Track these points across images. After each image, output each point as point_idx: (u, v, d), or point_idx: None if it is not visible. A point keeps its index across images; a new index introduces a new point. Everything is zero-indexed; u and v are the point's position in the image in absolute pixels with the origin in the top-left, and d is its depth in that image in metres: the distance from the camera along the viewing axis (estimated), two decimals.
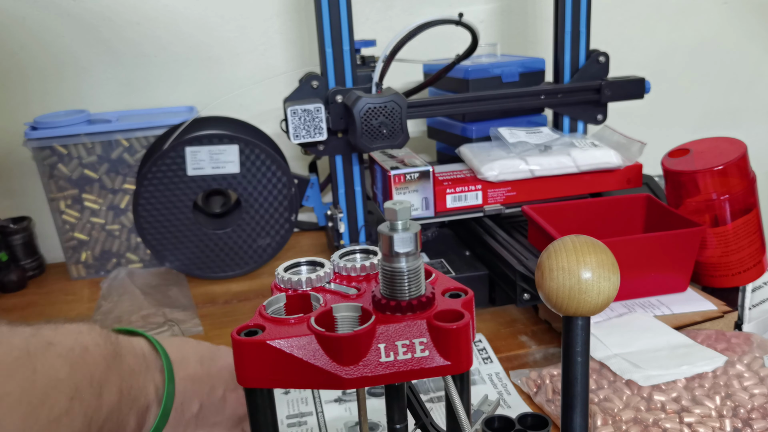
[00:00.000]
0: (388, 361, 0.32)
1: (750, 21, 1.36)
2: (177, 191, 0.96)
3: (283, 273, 0.38)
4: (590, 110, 1.01)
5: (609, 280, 0.35)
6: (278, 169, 0.97)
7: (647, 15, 1.31)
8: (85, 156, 1.01)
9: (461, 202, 0.89)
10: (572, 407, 0.38)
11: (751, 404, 0.58)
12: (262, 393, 0.34)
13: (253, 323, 0.34)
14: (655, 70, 1.23)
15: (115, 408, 0.40)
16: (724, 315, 0.75)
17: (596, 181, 0.92)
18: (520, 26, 1.26)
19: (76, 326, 0.41)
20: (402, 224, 0.33)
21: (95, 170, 1.02)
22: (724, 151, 0.81)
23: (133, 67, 1.13)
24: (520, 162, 0.89)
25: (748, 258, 0.81)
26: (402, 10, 1.19)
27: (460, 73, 0.98)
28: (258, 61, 1.17)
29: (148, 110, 1.12)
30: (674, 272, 0.79)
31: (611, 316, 0.75)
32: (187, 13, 1.12)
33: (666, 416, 0.57)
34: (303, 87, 0.90)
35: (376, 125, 0.85)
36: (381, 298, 0.34)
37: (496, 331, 0.80)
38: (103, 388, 0.39)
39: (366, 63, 1.00)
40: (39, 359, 0.35)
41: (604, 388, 0.63)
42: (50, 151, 1.00)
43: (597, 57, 0.99)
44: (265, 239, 1.00)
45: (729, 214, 0.79)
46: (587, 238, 0.36)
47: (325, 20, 0.88)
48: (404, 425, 0.40)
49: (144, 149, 1.02)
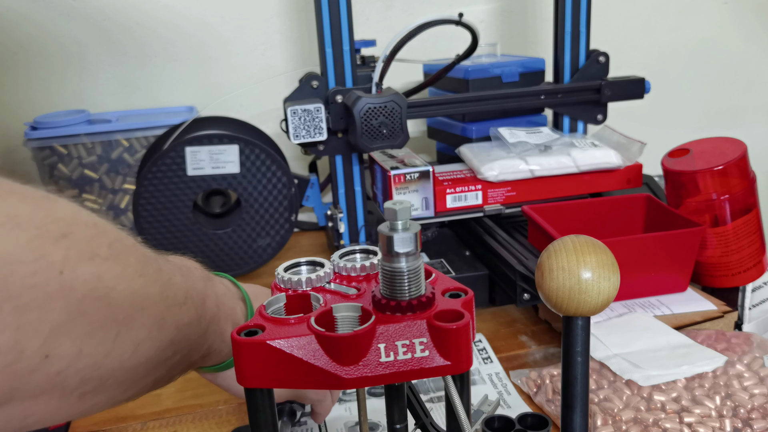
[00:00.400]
0: (388, 361, 0.32)
1: (750, 21, 1.36)
2: (177, 191, 0.96)
3: (283, 273, 0.38)
4: (590, 110, 1.01)
5: (609, 280, 0.35)
6: (278, 169, 0.97)
7: (647, 15, 1.31)
8: (85, 156, 1.01)
9: (461, 202, 0.89)
10: (572, 407, 0.38)
11: (751, 404, 0.58)
12: (262, 393, 0.34)
13: (253, 323, 0.34)
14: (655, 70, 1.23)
15: (215, 316, 0.44)
16: (724, 315, 0.75)
17: (596, 181, 0.92)
18: (520, 26, 1.26)
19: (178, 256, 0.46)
20: (402, 224, 0.33)
21: (95, 170, 1.02)
22: (724, 151, 0.81)
23: (133, 67, 1.13)
24: (520, 162, 0.89)
25: (748, 258, 0.81)
26: (402, 10, 1.19)
27: (460, 73, 0.98)
28: (258, 61, 1.17)
29: (148, 110, 1.12)
30: (674, 272, 0.79)
31: (611, 316, 0.75)
32: (187, 13, 1.12)
33: (666, 416, 0.57)
34: (303, 87, 0.90)
35: (376, 125, 0.85)
36: (381, 298, 0.34)
37: (496, 331, 0.80)
38: (205, 299, 0.43)
39: (366, 63, 1.00)
40: (161, 262, 0.39)
41: (604, 388, 0.63)
42: (50, 151, 1.00)
43: (597, 57, 0.99)
44: (265, 239, 1.00)
45: (729, 214, 0.79)
46: (587, 238, 0.36)
47: (325, 20, 0.88)
48: (404, 425, 0.40)
49: (144, 149, 1.02)
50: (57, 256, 0.29)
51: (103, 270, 0.32)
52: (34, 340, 0.28)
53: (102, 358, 0.32)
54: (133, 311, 0.34)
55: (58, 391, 0.30)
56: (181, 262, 0.44)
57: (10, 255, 0.27)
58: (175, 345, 0.39)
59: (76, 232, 0.31)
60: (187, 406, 0.69)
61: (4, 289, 0.26)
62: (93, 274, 0.31)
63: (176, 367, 0.41)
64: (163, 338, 0.37)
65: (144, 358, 0.36)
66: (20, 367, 0.28)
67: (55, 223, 0.30)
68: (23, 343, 0.27)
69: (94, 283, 0.31)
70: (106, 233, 0.34)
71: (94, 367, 0.32)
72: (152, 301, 0.36)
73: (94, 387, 0.32)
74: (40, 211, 0.29)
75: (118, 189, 1.03)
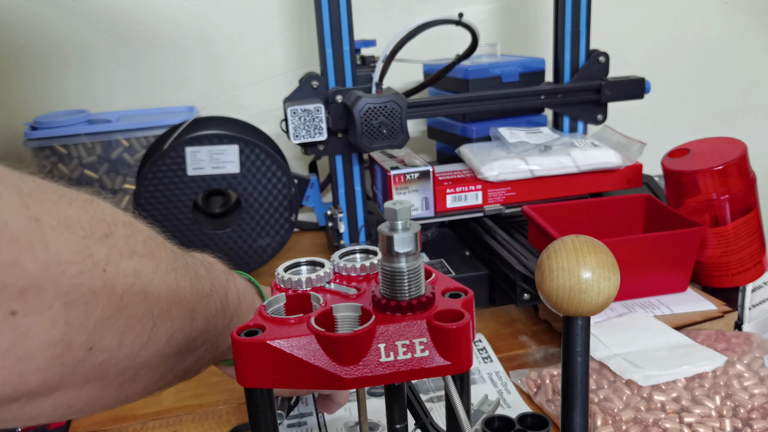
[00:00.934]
0: (388, 361, 0.32)
1: (750, 21, 1.36)
2: (177, 191, 0.96)
3: (283, 273, 0.38)
4: (590, 110, 1.01)
5: (609, 280, 0.35)
6: (278, 169, 0.97)
7: (647, 15, 1.31)
8: (85, 156, 1.01)
9: (461, 202, 0.89)
10: (572, 407, 0.38)
11: (751, 404, 0.58)
12: (262, 393, 0.34)
13: (253, 323, 0.34)
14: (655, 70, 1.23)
15: (238, 308, 0.46)
16: (724, 315, 0.75)
17: (596, 181, 0.92)
18: (520, 26, 1.26)
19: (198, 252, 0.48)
20: (402, 224, 0.33)
21: (95, 170, 1.02)
22: (724, 151, 0.81)
23: (134, 67, 1.13)
24: (520, 162, 0.89)
25: (748, 258, 0.81)
26: (402, 10, 1.19)
27: (460, 73, 0.98)
28: (258, 61, 1.17)
29: (148, 110, 1.12)
30: (674, 272, 0.79)
31: (611, 316, 0.75)
32: (187, 13, 1.12)
33: (666, 416, 0.57)
34: (303, 87, 0.90)
35: (376, 125, 0.85)
36: (381, 298, 0.34)
37: (496, 331, 0.80)
38: (228, 291, 0.45)
39: (366, 63, 1.00)
40: (187, 257, 0.40)
41: (604, 388, 0.63)
42: (50, 151, 1.00)
43: (597, 57, 0.99)
44: (265, 239, 1.00)
45: (729, 214, 0.79)
46: (587, 238, 0.36)
47: (325, 20, 0.88)
48: (404, 425, 0.40)
49: (144, 149, 1.02)
50: (101, 255, 0.31)
51: (141, 266, 0.34)
52: (80, 333, 0.30)
53: (139, 349, 0.34)
54: (167, 304, 0.36)
55: (100, 381, 0.33)
56: (203, 257, 0.46)
57: (60, 256, 0.29)
58: (203, 335, 0.41)
59: (116, 232, 0.33)
60: (187, 406, 0.69)
61: (55, 288, 0.28)
62: (132, 271, 0.33)
63: (204, 357, 0.43)
64: (193, 328, 0.39)
65: (176, 348, 0.38)
66: (68, 359, 0.30)
67: (99, 223, 0.32)
68: (71, 337, 0.29)
69: (133, 278, 0.33)
70: (141, 231, 0.36)
71: (132, 357, 0.34)
72: (184, 294, 0.37)
73: (131, 376, 0.35)
74: (85, 214, 0.31)
75: (118, 189, 1.03)
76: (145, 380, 0.37)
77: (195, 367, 0.43)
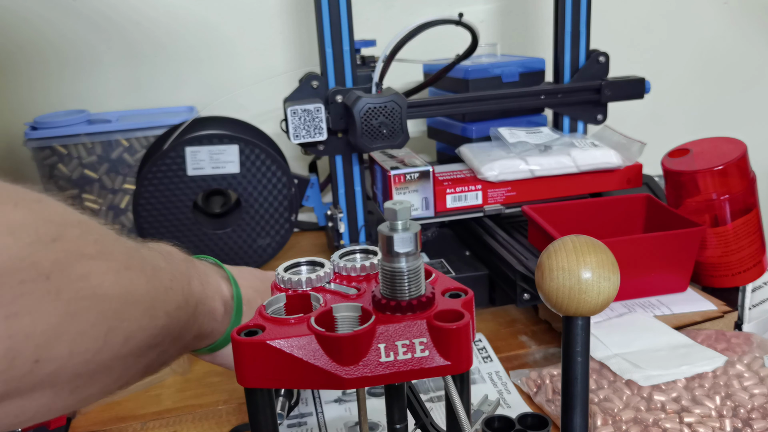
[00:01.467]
0: (388, 361, 0.32)
1: (750, 21, 1.36)
2: (177, 191, 0.96)
3: (283, 273, 0.38)
4: (590, 110, 1.01)
5: (609, 280, 0.35)
6: (278, 169, 0.97)
7: (647, 15, 1.31)
8: (85, 156, 1.01)
9: (461, 202, 0.89)
10: (572, 407, 0.38)
11: (751, 404, 0.58)
12: (262, 393, 0.34)
13: (253, 323, 0.34)
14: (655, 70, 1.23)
15: (203, 295, 0.45)
16: (724, 315, 0.75)
17: (596, 181, 0.92)
18: (520, 26, 1.26)
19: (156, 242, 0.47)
20: (402, 224, 0.33)
21: (95, 170, 1.02)
22: (724, 151, 0.81)
23: (133, 67, 1.13)
24: (520, 162, 0.89)
25: (748, 258, 0.81)
26: (402, 10, 1.19)
27: (460, 73, 0.98)
28: (258, 61, 1.17)
29: (148, 110, 1.12)
30: (674, 272, 0.79)
31: (611, 316, 0.75)
32: (187, 13, 1.12)
33: (666, 416, 0.57)
34: (303, 87, 0.90)
35: (376, 125, 0.85)
36: (381, 298, 0.34)
37: (496, 331, 0.80)
38: (190, 279, 0.44)
39: (366, 63, 1.00)
40: (143, 250, 0.39)
41: (604, 388, 0.63)
42: (50, 151, 1.00)
43: (597, 57, 0.99)
44: (265, 239, 1.00)
45: (729, 214, 0.79)
46: (587, 238, 0.36)
47: (325, 20, 0.88)
48: (404, 425, 0.40)
49: (144, 149, 1.02)
50: (46, 262, 0.29)
51: (91, 268, 0.32)
52: (25, 346, 0.28)
53: (93, 355, 0.32)
54: (122, 304, 0.34)
55: (50, 389, 0.31)
56: (161, 247, 0.45)
57: (2, 264, 0.27)
58: (165, 330, 0.39)
59: (65, 234, 0.31)
60: (187, 406, 0.69)
61: None
62: (81, 275, 0.31)
63: (168, 350, 0.41)
64: (154, 325, 0.37)
65: (135, 348, 0.36)
66: (13, 374, 0.28)
67: (46, 226, 0.30)
68: (15, 351, 0.28)
69: (81, 283, 0.31)
70: (92, 230, 0.34)
71: (85, 364, 0.32)
72: (141, 292, 0.36)
73: (85, 381, 0.33)
74: (32, 215, 0.30)
75: (118, 189, 1.03)
76: (101, 383, 0.35)
77: (159, 361, 0.41)
